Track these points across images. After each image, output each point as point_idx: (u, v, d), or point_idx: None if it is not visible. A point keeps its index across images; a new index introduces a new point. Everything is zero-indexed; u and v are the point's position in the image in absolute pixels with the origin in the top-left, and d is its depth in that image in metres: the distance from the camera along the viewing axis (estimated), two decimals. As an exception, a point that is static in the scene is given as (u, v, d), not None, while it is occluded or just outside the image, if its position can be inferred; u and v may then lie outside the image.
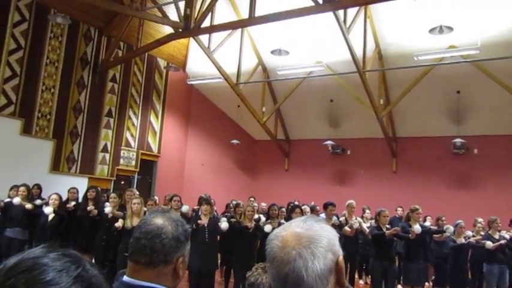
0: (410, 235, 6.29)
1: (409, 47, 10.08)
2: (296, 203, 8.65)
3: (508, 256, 7.09)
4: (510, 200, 10.35)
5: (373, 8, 9.91)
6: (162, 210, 1.47)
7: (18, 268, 0.66)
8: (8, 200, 7.14)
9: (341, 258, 0.98)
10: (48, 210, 6.58)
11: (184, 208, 7.42)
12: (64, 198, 7.22)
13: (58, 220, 6.70)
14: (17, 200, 6.79)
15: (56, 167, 10.16)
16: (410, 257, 6.66)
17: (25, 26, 9.69)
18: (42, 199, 7.56)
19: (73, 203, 7.22)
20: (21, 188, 7.10)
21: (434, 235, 7.30)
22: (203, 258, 6.02)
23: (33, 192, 7.67)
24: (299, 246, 0.95)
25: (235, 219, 7.12)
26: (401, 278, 8.04)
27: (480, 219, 7.93)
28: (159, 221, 1.36)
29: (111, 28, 11.29)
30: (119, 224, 6.28)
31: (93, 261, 6.04)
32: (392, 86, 11.59)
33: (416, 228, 6.27)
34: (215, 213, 7.97)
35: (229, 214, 8.37)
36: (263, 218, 7.71)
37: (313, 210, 7.78)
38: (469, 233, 7.41)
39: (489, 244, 6.83)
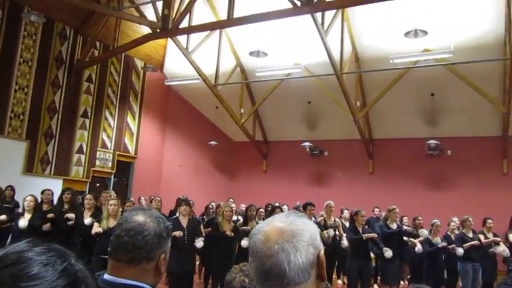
0: (384, 253, 6.59)
1: (385, 50, 10.24)
2: (276, 204, 8.68)
3: (481, 255, 7.28)
4: (482, 199, 10.64)
5: (350, 11, 10.03)
6: (142, 208, 1.46)
7: (3, 262, 0.65)
8: None
9: (322, 252, 1.00)
10: (22, 223, 6.33)
11: None
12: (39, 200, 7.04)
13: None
14: None
15: (29, 168, 9.91)
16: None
17: (-3, 24, 9.46)
18: (17, 202, 7.37)
19: (51, 214, 6.94)
20: (-6, 190, 6.86)
21: (409, 239, 7.38)
22: (182, 260, 5.99)
23: (6, 194, 7.48)
24: (282, 240, 0.96)
25: (214, 223, 7.10)
26: (378, 278, 8.19)
27: (455, 219, 8.10)
28: (140, 218, 1.35)
29: (87, 27, 11.10)
30: (99, 229, 6.04)
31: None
32: (368, 88, 11.76)
33: (388, 254, 6.56)
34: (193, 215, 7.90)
35: (207, 216, 8.36)
36: (241, 220, 7.72)
37: (296, 210, 7.83)
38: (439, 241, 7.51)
39: (460, 252, 7.04)
